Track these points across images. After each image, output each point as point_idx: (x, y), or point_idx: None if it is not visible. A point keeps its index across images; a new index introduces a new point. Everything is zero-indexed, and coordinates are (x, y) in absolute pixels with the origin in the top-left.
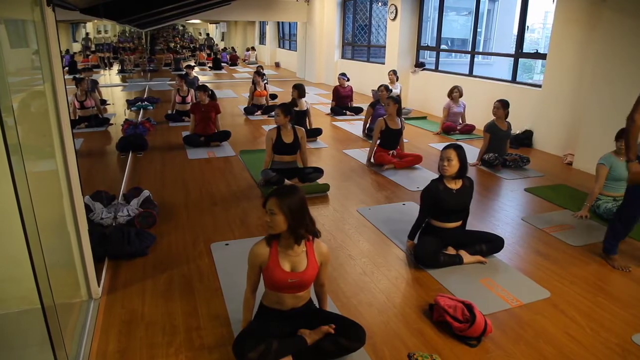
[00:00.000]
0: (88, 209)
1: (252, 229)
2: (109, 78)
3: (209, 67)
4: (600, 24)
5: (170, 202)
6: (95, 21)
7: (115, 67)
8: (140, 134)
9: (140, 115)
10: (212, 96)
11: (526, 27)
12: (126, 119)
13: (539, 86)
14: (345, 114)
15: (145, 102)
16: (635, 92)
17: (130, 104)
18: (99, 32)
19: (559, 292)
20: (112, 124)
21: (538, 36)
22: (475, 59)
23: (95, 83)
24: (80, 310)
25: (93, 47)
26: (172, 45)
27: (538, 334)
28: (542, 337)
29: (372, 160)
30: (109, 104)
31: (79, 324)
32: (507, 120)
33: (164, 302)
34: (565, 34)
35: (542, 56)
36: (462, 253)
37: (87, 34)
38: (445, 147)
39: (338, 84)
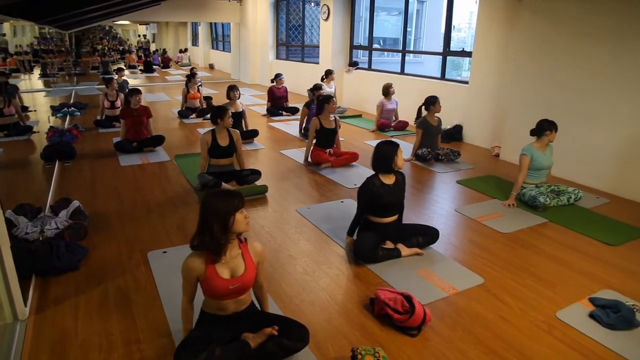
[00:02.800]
0: (11, 224)
1: (190, 235)
2: (30, 83)
3: (140, 70)
4: (518, 24)
5: (103, 211)
6: (12, 21)
7: (37, 71)
8: (67, 141)
9: (66, 122)
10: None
11: (453, 27)
12: (51, 126)
13: (467, 83)
14: (281, 115)
15: (72, 108)
16: (552, 86)
17: (55, 110)
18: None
19: (492, 277)
20: (35, 132)
21: (465, 35)
22: (407, 58)
23: (15, 88)
24: (5, 334)
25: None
26: (99, 47)
27: (473, 319)
28: (477, 321)
29: (309, 159)
30: (30, 111)
31: (3, 349)
32: (437, 116)
33: (99, 317)
34: (488, 33)
35: (468, 54)
36: (400, 246)
37: (3, 34)
38: (394, 145)
39: (276, 84)
